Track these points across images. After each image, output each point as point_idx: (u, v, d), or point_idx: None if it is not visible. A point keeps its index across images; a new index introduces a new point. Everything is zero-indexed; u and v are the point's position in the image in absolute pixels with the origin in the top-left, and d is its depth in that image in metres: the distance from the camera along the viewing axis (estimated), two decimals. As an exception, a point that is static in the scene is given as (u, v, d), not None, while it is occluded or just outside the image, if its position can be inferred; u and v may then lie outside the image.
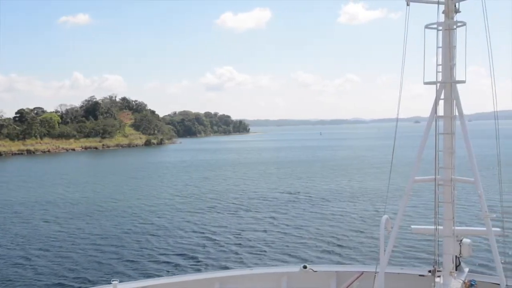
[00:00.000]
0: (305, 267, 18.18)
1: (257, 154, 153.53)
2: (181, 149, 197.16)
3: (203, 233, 43.22)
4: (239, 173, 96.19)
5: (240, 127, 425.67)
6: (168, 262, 34.46)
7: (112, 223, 48.43)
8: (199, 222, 48.05)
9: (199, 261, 34.35)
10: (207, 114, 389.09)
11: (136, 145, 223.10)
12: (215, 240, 40.55)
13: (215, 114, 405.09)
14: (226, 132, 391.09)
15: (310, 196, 62.43)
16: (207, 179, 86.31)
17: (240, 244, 39.14)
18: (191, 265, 33.62)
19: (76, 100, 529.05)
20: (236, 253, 36.41)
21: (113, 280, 16.65)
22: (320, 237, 40.39)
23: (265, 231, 43.43)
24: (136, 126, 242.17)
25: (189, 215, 51.90)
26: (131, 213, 53.55)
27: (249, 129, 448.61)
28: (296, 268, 18.50)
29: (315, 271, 18.15)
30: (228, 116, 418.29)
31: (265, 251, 36.76)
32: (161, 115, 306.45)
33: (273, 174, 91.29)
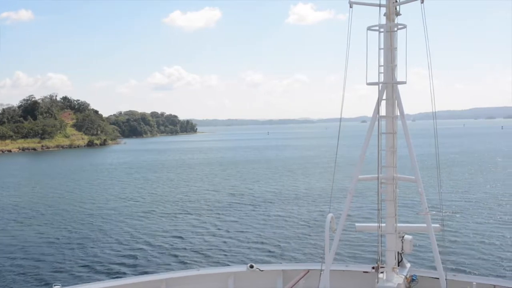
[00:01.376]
0: (251, 266, 18.21)
1: (202, 155, 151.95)
2: (125, 149, 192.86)
3: (142, 237, 41.73)
4: (183, 174, 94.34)
5: (188, 127, 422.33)
6: (109, 266, 33.46)
7: (48, 228, 46.35)
8: (139, 226, 46.42)
9: (140, 265, 33.41)
10: (154, 114, 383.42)
11: (78, 146, 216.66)
12: (156, 244, 39.43)
13: (162, 114, 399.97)
14: (173, 132, 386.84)
15: (255, 197, 62.28)
16: (148, 181, 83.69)
17: (184, 247, 38.22)
18: (133, 269, 32.82)
19: (17, 99, 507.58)
20: (180, 256, 35.71)
21: (55, 285, 16.09)
22: (266, 238, 40.47)
23: (209, 233, 42.81)
24: (78, 127, 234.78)
25: (128, 219, 50.00)
26: (67, 217, 51.29)
27: (196, 129, 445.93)
28: (242, 268, 18.49)
29: (262, 270, 18.22)
30: (175, 116, 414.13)
31: (210, 253, 36.35)
32: (107, 115, 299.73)
33: (217, 176, 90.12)
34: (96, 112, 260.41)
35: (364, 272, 17.27)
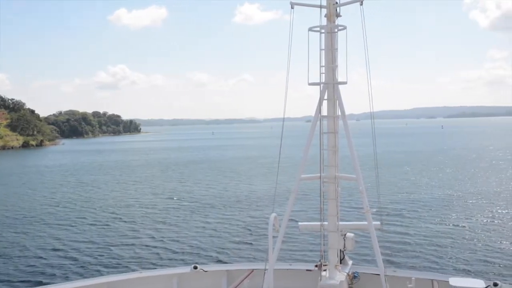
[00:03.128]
0: (195, 267, 18.07)
1: (144, 156, 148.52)
2: (63, 150, 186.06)
3: (74, 244, 39.83)
4: (122, 177, 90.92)
5: (131, 127, 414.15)
6: (44, 272, 32.21)
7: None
8: (70, 232, 44.34)
9: (77, 272, 32.23)
10: (96, 114, 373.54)
11: (12, 147, 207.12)
12: (90, 249, 37.92)
13: (104, 114, 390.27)
14: (116, 133, 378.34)
15: (197, 199, 61.52)
16: (83, 184, 79.86)
17: (122, 252, 36.92)
18: (71, 275, 31.69)
19: None
20: (120, 261, 34.69)
21: None
22: (210, 239, 40.25)
23: (149, 236, 41.85)
24: (12, 127, 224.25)
25: (58, 225, 47.57)
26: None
27: (140, 129, 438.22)
28: (186, 269, 18.31)
29: (206, 271, 18.10)
30: (118, 116, 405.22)
31: (151, 256, 35.66)
32: (47, 115, 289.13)
33: (158, 178, 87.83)
34: (32, 111, 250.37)
35: (307, 270, 17.46)
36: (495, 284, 15.42)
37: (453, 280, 15.78)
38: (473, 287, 15.37)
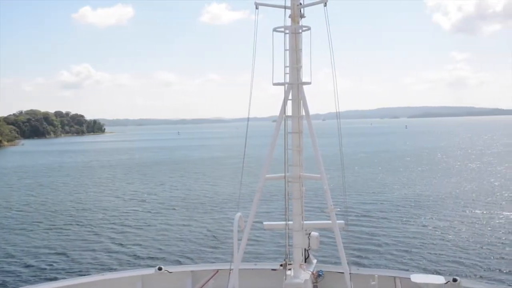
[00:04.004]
0: (160, 268, 17.92)
1: (107, 156, 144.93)
2: (23, 151, 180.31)
3: (29, 249, 38.41)
4: (82, 179, 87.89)
5: (95, 127, 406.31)
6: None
7: None
8: (25, 236, 42.76)
9: (36, 276, 31.46)
10: (58, 114, 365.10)
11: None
12: (49, 253, 36.83)
13: (67, 114, 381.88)
14: (79, 133, 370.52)
15: (161, 200, 60.79)
16: (41, 187, 76.45)
17: (81, 256, 36.00)
18: (30, 278, 30.87)
19: None
20: (80, 264, 33.95)
21: None
22: (175, 240, 39.95)
23: (110, 239, 41.02)
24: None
25: (12, 229, 45.89)
26: None
27: (104, 129, 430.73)
28: (151, 271, 18.14)
29: (171, 272, 17.99)
30: (82, 116, 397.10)
31: (113, 259, 35.05)
32: (7, 114, 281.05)
33: (120, 179, 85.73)
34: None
35: (273, 269, 17.53)
36: (454, 280, 15.84)
37: (414, 277, 16.14)
38: (433, 283, 15.76)
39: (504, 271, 30.12)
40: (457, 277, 15.99)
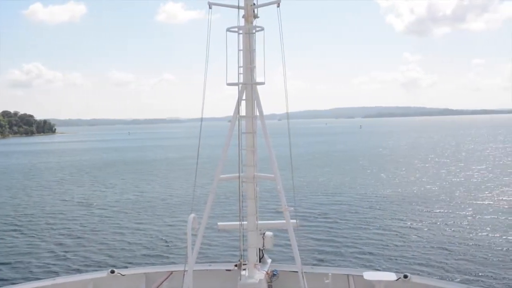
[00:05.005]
0: (112, 271, 17.60)
1: (55, 158, 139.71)
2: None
3: None
4: (28, 181, 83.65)
5: (45, 127, 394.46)
6: None
7: None
8: None
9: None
10: (6, 113, 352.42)
11: None
12: None
13: (16, 114, 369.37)
14: (28, 133, 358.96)
15: (113, 202, 59.40)
16: None
17: (29, 260, 34.84)
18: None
19: None
20: (28, 268, 32.84)
21: None
22: (127, 243, 39.24)
23: (58, 243, 39.73)
24: None
25: None
26: None
27: (55, 129, 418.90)
28: (103, 274, 17.78)
29: (123, 275, 17.68)
30: (31, 116, 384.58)
31: (63, 264, 34.00)
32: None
33: (69, 181, 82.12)
34: None
35: (227, 270, 17.51)
36: (405, 276, 16.25)
37: (367, 274, 16.47)
38: (385, 279, 16.13)
39: (453, 267, 31.20)
40: (407, 274, 16.41)
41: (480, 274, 29.71)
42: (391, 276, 16.28)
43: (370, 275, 16.45)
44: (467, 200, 54.63)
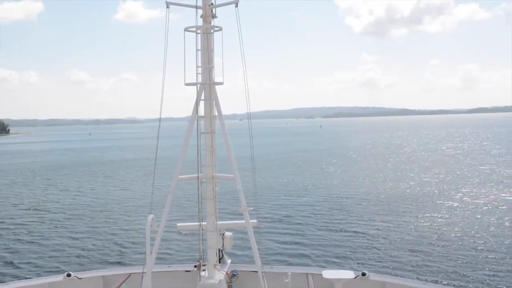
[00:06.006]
0: (69, 275, 17.21)
1: (8, 160, 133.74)
2: None
3: None
4: None
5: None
6: None
7: None
8: None
9: None
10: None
11: None
12: None
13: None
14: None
15: (69, 205, 57.81)
16: None
17: None
18: None
19: None
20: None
21: None
22: (85, 246, 38.34)
23: (12, 248, 38.39)
24: None
25: None
26: None
27: (9, 129, 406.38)
28: (59, 277, 17.37)
29: (80, 278, 17.32)
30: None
31: (19, 268, 33.06)
32: None
33: (22, 184, 78.86)
34: None
35: (186, 271, 17.41)
36: (363, 274, 16.53)
37: (326, 273, 16.65)
38: (343, 278, 16.35)
39: (411, 265, 31.95)
40: (366, 272, 16.69)
41: (438, 270, 30.56)
42: (349, 274, 16.51)
43: (329, 273, 16.64)
44: (427, 199, 56.05)
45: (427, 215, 47.18)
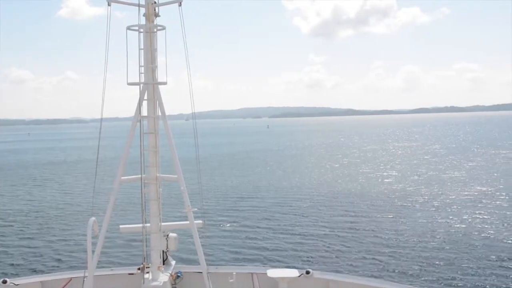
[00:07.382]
0: (4, 281, 16.52)
1: None
2: None
3: None
4: None
5: None
6: None
7: None
8: None
9: None
10: None
11: None
12: None
13: None
14: None
15: (3, 210, 55.13)
16: None
17: None
18: None
19: None
20: None
21: None
22: (22, 252, 36.88)
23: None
24: None
25: None
26: None
27: None
28: None
29: (17, 285, 16.67)
30: None
31: None
32: None
33: None
34: None
35: (130, 274, 17.11)
36: (307, 272, 16.80)
37: (270, 272, 16.83)
38: (288, 276, 16.56)
39: (351, 261, 32.73)
40: (310, 270, 16.96)
41: (383, 267, 31.42)
42: (294, 273, 16.75)
43: (273, 272, 16.81)
44: (373, 196, 57.61)
45: (374, 213, 48.35)
